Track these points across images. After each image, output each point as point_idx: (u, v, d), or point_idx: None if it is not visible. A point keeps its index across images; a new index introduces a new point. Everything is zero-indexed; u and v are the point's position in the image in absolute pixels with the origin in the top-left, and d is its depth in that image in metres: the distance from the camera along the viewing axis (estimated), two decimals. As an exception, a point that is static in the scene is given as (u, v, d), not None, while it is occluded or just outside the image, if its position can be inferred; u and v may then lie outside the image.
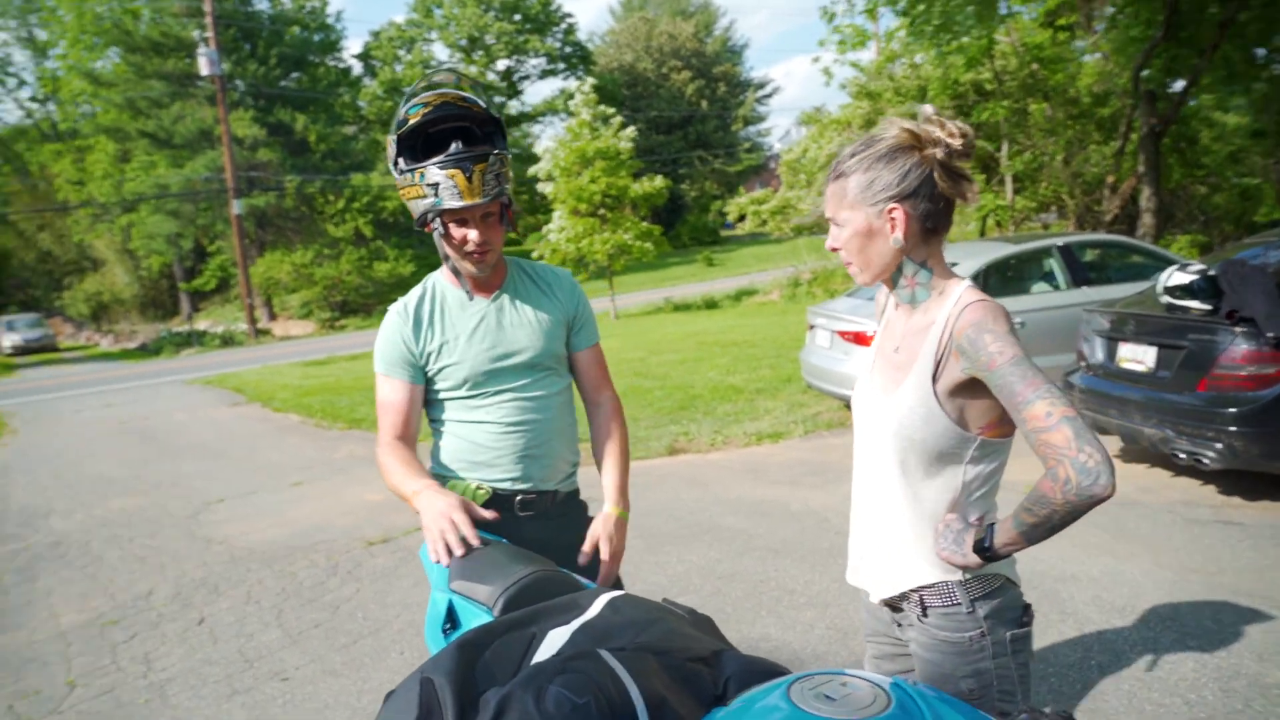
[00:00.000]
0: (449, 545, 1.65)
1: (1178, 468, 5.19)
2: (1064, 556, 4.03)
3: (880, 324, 1.71)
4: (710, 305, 20.54)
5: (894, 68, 16.19)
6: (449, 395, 1.97)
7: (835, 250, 1.57)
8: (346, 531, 5.41)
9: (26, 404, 15.00)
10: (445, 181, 1.79)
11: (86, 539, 5.84)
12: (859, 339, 6.43)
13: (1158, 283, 4.95)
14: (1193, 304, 4.68)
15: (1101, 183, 13.94)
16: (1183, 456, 4.58)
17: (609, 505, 2.02)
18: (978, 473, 1.52)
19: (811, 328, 7.40)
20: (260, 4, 36.57)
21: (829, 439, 6.76)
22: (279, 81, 34.85)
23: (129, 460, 8.57)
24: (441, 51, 43.73)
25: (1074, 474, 1.30)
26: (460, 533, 1.66)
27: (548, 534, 1.97)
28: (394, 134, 1.86)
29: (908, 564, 1.57)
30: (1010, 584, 1.56)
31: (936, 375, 1.48)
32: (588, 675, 1.18)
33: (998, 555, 1.45)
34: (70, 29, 36.95)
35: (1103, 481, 1.29)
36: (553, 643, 1.36)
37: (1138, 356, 4.97)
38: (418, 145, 1.86)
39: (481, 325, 1.96)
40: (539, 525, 1.97)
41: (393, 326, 1.96)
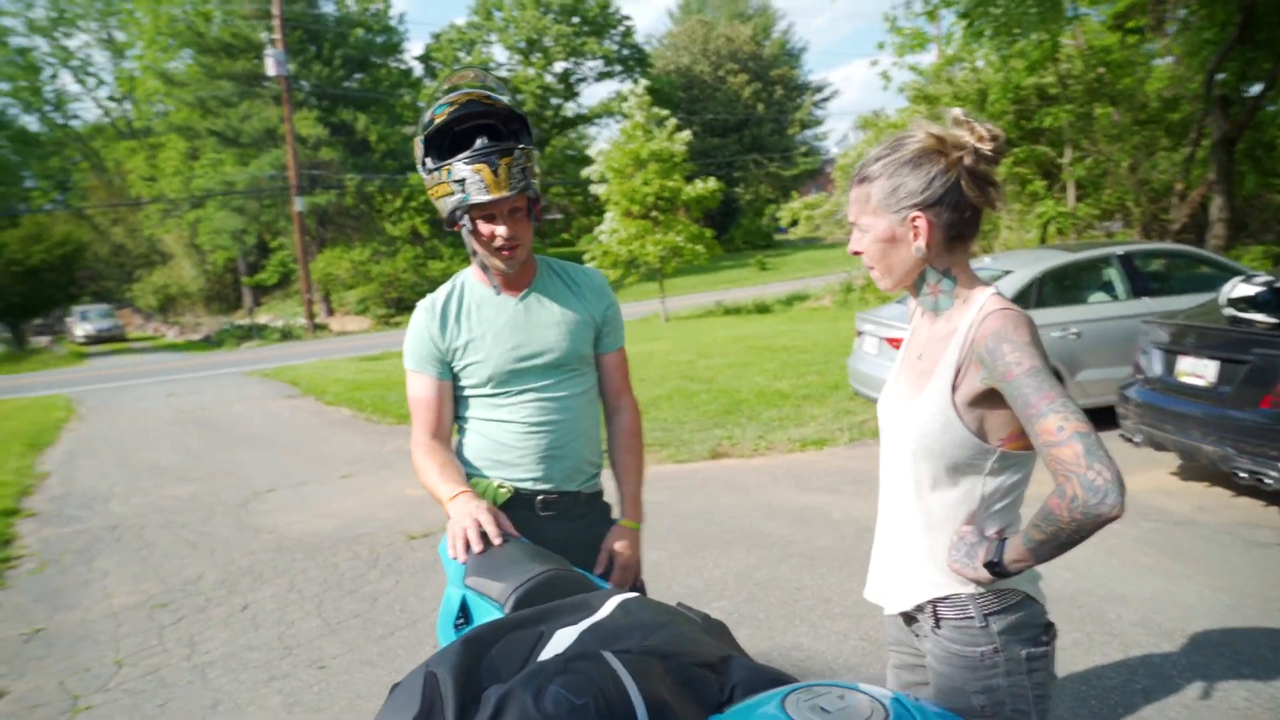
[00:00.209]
0: (469, 542, 1.66)
1: (1238, 487, 4.99)
2: (1113, 575, 3.90)
3: (909, 330, 1.68)
4: (761, 309, 20.41)
5: (954, 71, 15.89)
6: (473, 393, 1.98)
7: (857, 254, 1.55)
8: (389, 525, 5.49)
9: (94, 391, 15.55)
10: (472, 177, 1.80)
11: (142, 523, 6.03)
12: (907, 346, 6.32)
13: (1221, 294, 4.76)
14: (1258, 317, 4.50)
15: (1169, 190, 13.49)
16: (1244, 476, 4.39)
17: (624, 517, 2.05)
18: (998, 485, 1.48)
19: (860, 334, 7.30)
20: (326, 6, 37.48)
21: (874, 447, 6.65)
22: (342, 82, 35.63)
23: (186, 448, 8.82)
24: (500, 54, 44.28)
25: (1081, 492, 1.26)
26: (481, 531, 1.67)
27: (569, 534, 1.96)
28: (421, 134, 1.88)
29: (922, 575, 1.54)
30: (1030, 600, 1.52)
31: (956, 384, 1.45)
32: (588, 676, 1.18)
33: (1008, 571, 1.41)
34: (147, 31, 38.31)
35: (1110, 501, 1.25)
36: (560, 642, 1.35)
37: (1198, 371, 4.79)
38: (444, 144, 1.87)
39: (507, 323, 1.96)
40: (560, 525, 1.97)
41: (420, 323, 1.98)
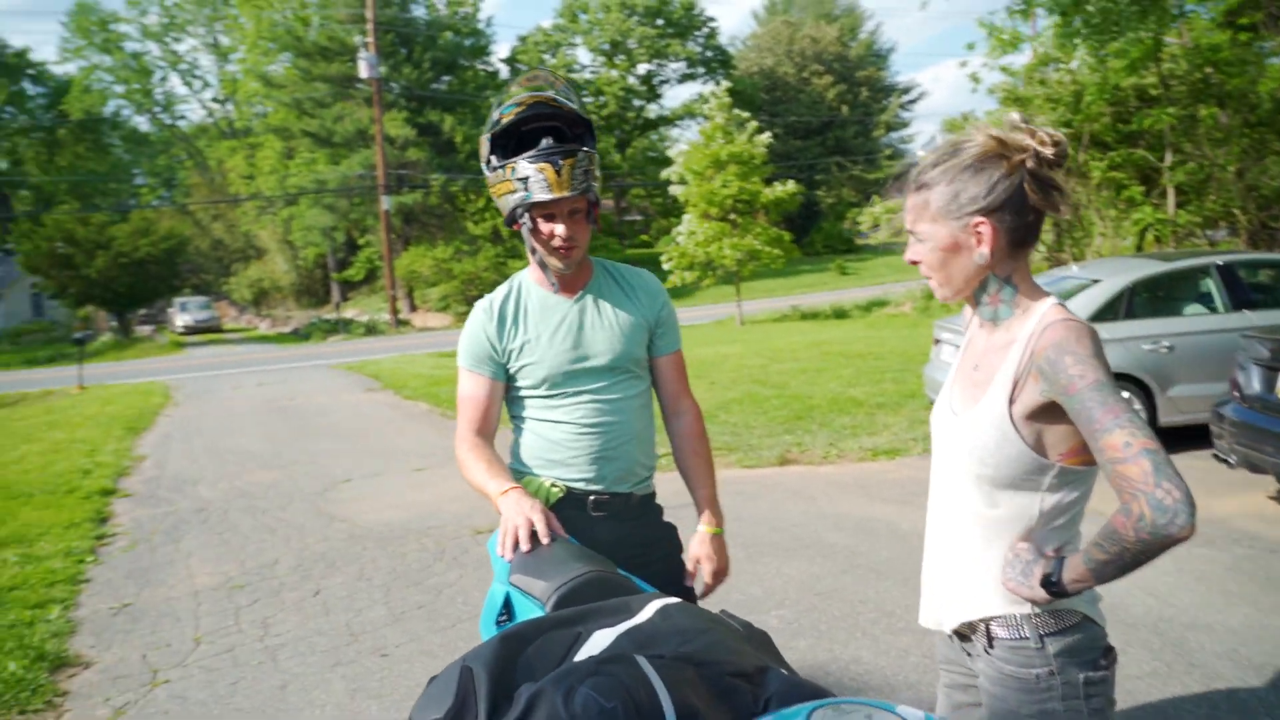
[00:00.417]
0: (518, 540, 1.67)
1: (1344, 515, 4.68)
2: (1199, 603, 3.71)
3: (964, 340, 1.62)
4: (839, 315, 20.11)
5: (1047, 72, 15.34)
6: (528, 394, 2.00)
7: (914, 263, 1.50)
8: (456, 518, 5.60)
9: (191, 379, 16.32)
10: (535, 175, 1.82)
11: (226, 507, 6.29)
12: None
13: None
14: (1369, 334, 4.21)
15: (1280, 198, 12.76)
16: (1349, 503, 4.12)
17: (703, 525, 2.04)
18: (1056, 502, 1.42)
19: (937, 342, 7.12)
20: (418, 10, 38.49)
21: (949, 458, 6.47)
22: (430, 84, 36.54)
23: (272, 436, 9.17)
24: (585, 56, 44.77)
25: (1149, 511, 1.20)
26: (533, 530, 1.68)
27: (620, 535, 1.96)
28: (488, 132, 1.91)
29: (975, 593, 1.49)
30: (1089, 622, 1.45)
31: (1014, 397, 1.39)
32: (619, 680, 1.17)
33: (1066, 591, 1.35)
34: (249, 35, 40.11)
35: (1180, 521, 1.18)
36: (596, 644, 1.35)
37: (1301, 389, 4.51)
38: (510, 143, 1.90)
39: (563, 326, 1.98)
40: (612, 526, 1.97)
41: (477, 323, 2.01)
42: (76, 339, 16.36)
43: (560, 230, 1.88)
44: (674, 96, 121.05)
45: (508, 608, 1.60)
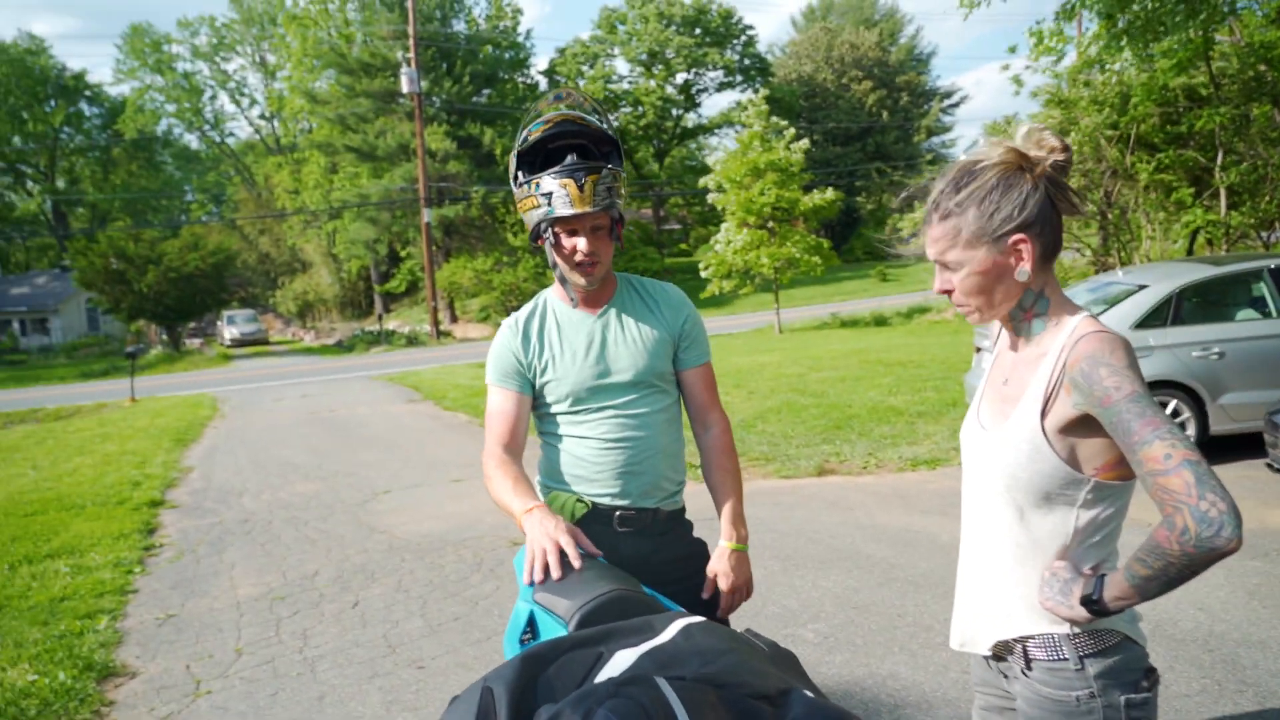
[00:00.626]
0: (547, 566, 1.64)
1: None
2: (1253, 618, 3.58)
3: (992, 353, 1.59)
4: (880, 322, 19.90)
5: (1092, 73, 15.04)
6: (554, 410, 2.00)
7: (946, 293, 1.46)
8: (494, 529, 5.63)
9: (237, 391, 16.66)
10: (558, 190, 1.84)
11: (270, 519, 6.40)
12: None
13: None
14: None
15: (1338, 198, 12.35)
16: None
17: (724, 540, 2.01)
18: (1092, 517, 1.38)
19: (979, 350, 7.00)
20: (458, 25, 39.02)
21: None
22: (471, 98, 37.01)
23: (315, 448, 9.32)
24: (623, 66, 44.96)
25: (1193, 524, 1.17)
26: (562, 554, 1.64)
27: (646, 551, 1.95)
28: (516, 150, 1.93)
29: (1011, 612, 1.45)
30: (1130, 642, 1.41)
31: (1046, 410, 1.36)
32: (638, 702, 1.16)
33: (1107, 610, 1.32)
34: (295, 54, 41.02)
35: (1226, 534, 1.15)
36: (618, 664, 1.34)
37: (1360, 397, 4.35)
38: (537, 160, 1.92)
39: (587, 342, 1.98)
40: (638, 542, 1.96)
41: (504, 340, 2.02)
42: (129, 353, 16.80)
43: (582, 245, 1.89)
44: (712, 105, 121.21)
45: (531, 626, 1.60)
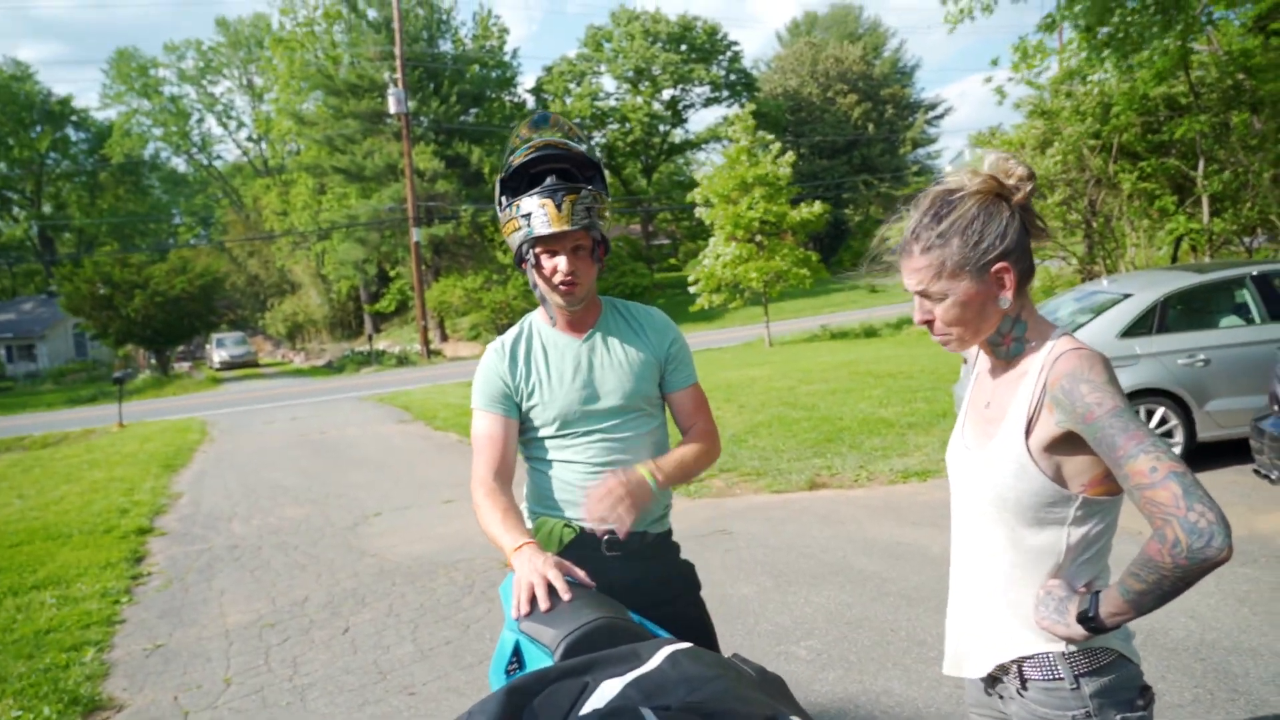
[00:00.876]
0: (535, 600, 1.62)
1: (1397, 532, 4.52)
2: (1243, 626, 3.58)
3: (971, 376, 1.60)
4: (869, 333, 19.96)
5: (1074, 84, 15.19)
6: (540, 434, 2.00)
7: (927, 324, 1.47)
8: (485, 550, 5.60)
9: (227, 414, 16.57)
10: (537, 211, 1.85)
11: (259, 544, 6.35)
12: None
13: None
14: None
15: (1320, 203, 12.46)
16: (1400, 520, 3.98)
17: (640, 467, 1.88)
18: (1083, 535, 1.39)
19: (966, 360, 7.02)
20: (444, 45, 39.17)
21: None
22: (458, 117, 37.10)
23: (304, 471, 9.27)
24: (609, 84, 45.18)
25: (1183, 535, 1.18)
26: (550, 588, 1.61)
27: (635, 575, 1.94)
28: (500, 175, 1.94)
29: (1006, 632, 1.45)
30: (1125, 660, 1.41)
31: (1029, 429, 1.37)
32: (621, 735, 1.15)
33: (1104, 627, 1.32)
34: (282, 76, 41.11)
35: (1216, 544, 1.16)
36: (604, 694, 1.33)
37: (1344, 403, 4.38)
38: (520, 185, 1.93)
39: (573, 366, 1.98)
40: (626, 566, 1.95)
41: (491, 364, 2.01)
42: (116, 378, 16.68)
43: (562, 265, 1.89)
44: (699, 120, 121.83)
45: (517, 656, 1.59)
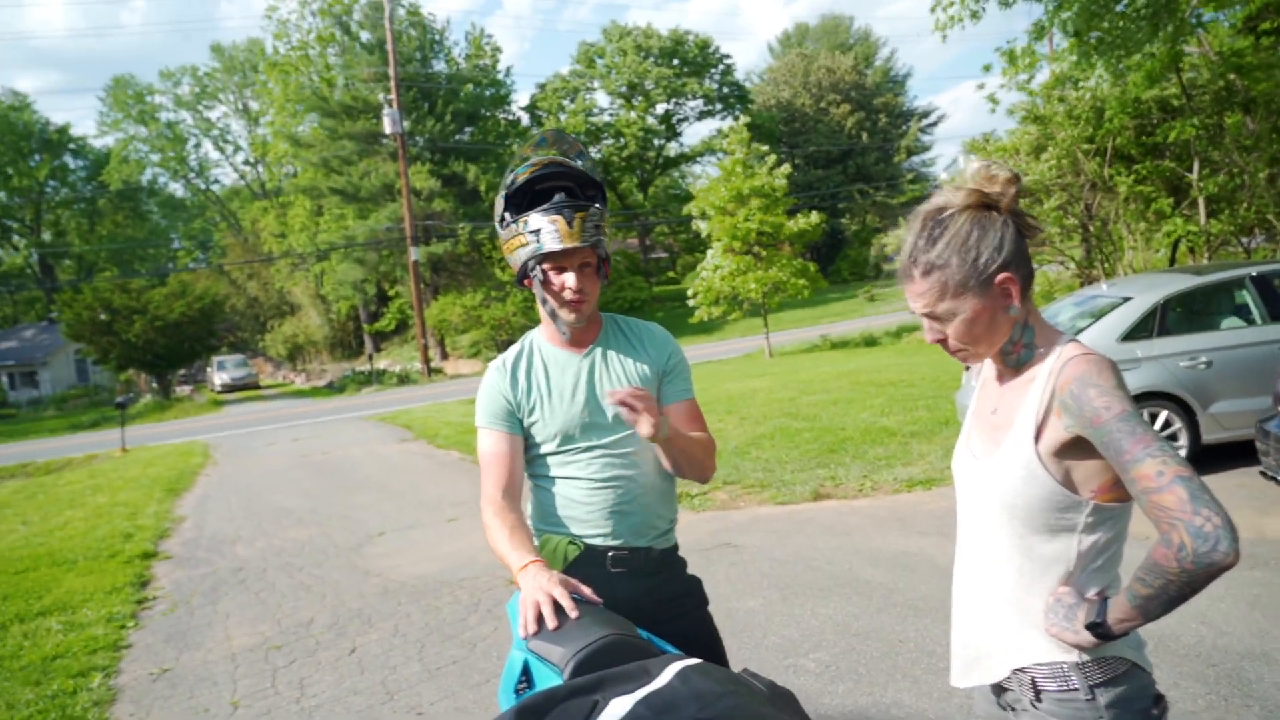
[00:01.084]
0: (541, 618, 1.61)
1: (1404, 530, 4.50)
2: (1255, 630, 3.57)
3: (976, 383, 1.60)
4: (869, 342, 19.97)
5: (1065, 89, 15.26)
6: (543, 450, 2.00)
7: (940, 342, 1.47)
8: (490, 569, 5.58)
9: (229, 437, 16.56)
10: (547, 226, 1.86)
11: (264, 566, 6.33)
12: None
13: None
14: None
15: (1316, 202, 12.49)
16: (1407, 518, 3.97)
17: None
18: (1094, 541, 1.38)
19: (968, 368, 7.02)
20: (438, 65, 39.38)
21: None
22: (453, 136, 37.25)
23: (307, 492, 9.25)
24: (603, 99, 45.39)
25: (1189, 539, 1.17)
26: (557, 606, 1.61)
27: (640, 591, 1.94)
28: (503, 192, 1.95)
29: (1017, 639, 1.44)
30: (1138, 669, 1.40)
31: (1038, 435, 1.37)
32: (633, 753, 1.15)
33: (1112, 634, 1.31)
34: (278, 99, 41.30)
35: (1223, 548, 1.16)
36: (613, 712, 1.33)
37: (1347, 401, 4.37)
38: (524, 201, 1.94)
39: (573, 381, 1.98)
40: (632, 582, 1.95)
41: (493, 382, 2.02)
42: (118, 403, 16.68)
43: (571, 282, 1.90)
44: (693, 133, 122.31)
45: (526, 675, 1.58)
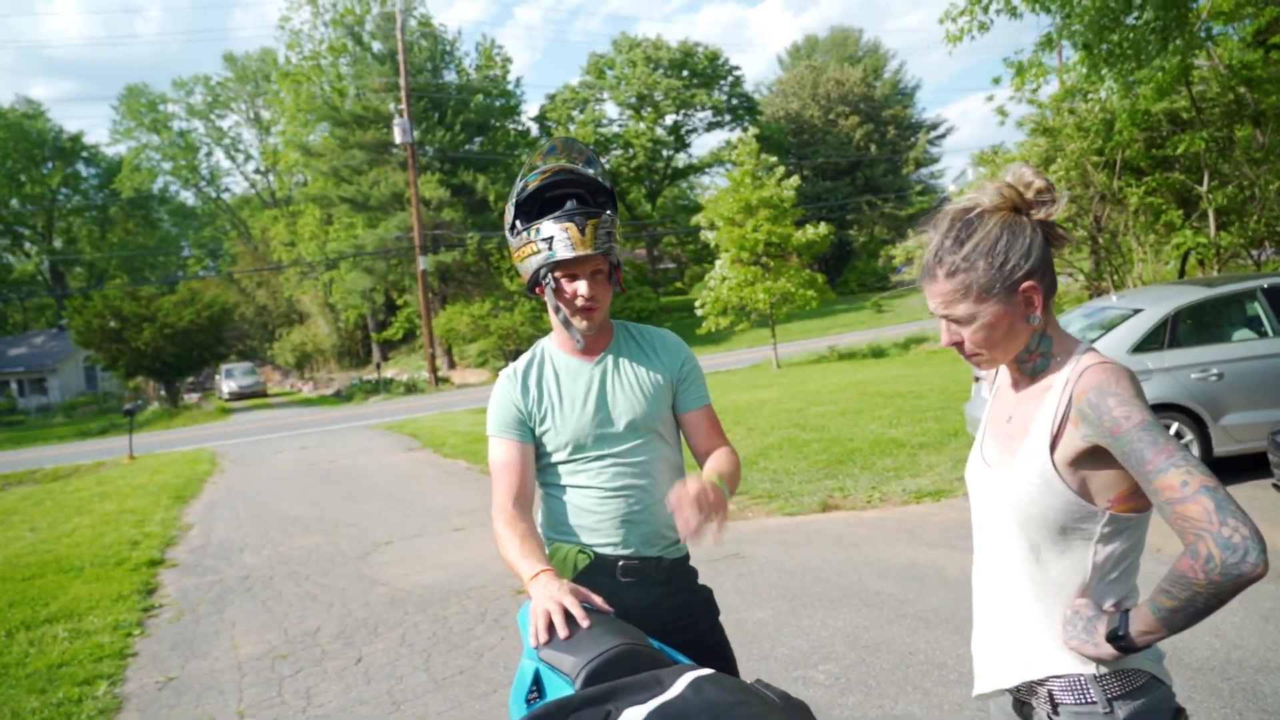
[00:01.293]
0: (552, 625, 1.60)
1: None
2: (1270, 644, 3.53)
3: (991, 391, 1.58)
4: (877, 353, 19.92)
5: (1075, 101, 15.24)
6: (554, 459, 1.99)
7: (956, 345, 1.45)
8: (497, 578, 5.56)
9: (236, 445, 16.59)
10: (560, 234, 1.85)
11: (270, 574, 6.32)
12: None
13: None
14: None
15: (1327, 215, 12.44)
16: None
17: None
18: (1110, 552, 1.36)
19: (977, 379, 6.99)
20: (449, 75, 39.60)
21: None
22: (463, 146, 37.43)
23: (315, 500, 9.25)
24: (612, 110, 45.54)
25: (1218, 550, 1.14)
26: (568, 615, 1.59)
27: (651, 601, 1.92)
28: (513, 200, 1.94)
29: (1034, 652, 1.42)
30: (1157, 682, 1.37)
31: (1054, 444, 1.35)
32: (647, 765, 1.13)
33: (1135, 646, 1.29)
34: (289, 109, 41.56)
35: (1251, 559, 1.13)
36: (626, 723, 1.31)
37: (1362, 415, 4.34)
38: (534, 209, 1.94)
39: (585, 389, 1.98)
40: (643, 591, 1.93)
41: (504, 390, 2.01)
42: (126, 410, 16.72)
43: (583, 289, 1.90)
44: (702, 145, 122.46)
45: (537, 684, 1.57)
